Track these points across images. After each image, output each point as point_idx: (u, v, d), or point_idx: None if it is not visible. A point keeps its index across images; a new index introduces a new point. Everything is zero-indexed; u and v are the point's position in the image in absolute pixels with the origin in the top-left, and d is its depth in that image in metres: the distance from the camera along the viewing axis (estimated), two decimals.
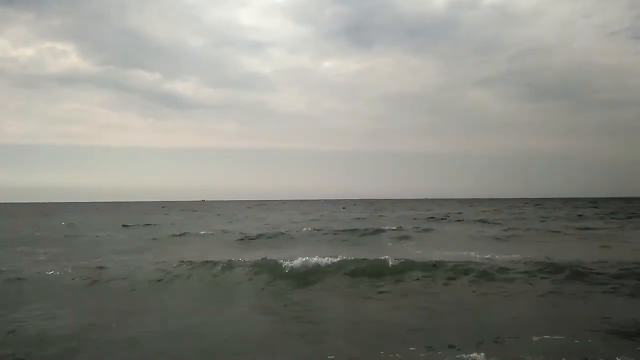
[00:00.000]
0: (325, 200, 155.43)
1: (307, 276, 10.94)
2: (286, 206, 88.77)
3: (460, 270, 10.91)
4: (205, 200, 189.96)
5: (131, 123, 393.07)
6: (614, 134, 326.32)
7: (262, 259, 12.38)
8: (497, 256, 12.89)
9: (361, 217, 40.16)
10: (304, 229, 25.31)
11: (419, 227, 25.65)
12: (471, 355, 5.55)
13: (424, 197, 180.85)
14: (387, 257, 11.91)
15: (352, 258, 11.95)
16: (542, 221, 31.46)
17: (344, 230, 24.13)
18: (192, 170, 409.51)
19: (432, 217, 37.86)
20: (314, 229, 25.15)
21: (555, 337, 6.30)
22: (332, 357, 5.86)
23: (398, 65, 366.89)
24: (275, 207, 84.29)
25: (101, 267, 12.34)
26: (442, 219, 36.02)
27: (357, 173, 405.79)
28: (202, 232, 24.80)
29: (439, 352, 5.85)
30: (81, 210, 75.20)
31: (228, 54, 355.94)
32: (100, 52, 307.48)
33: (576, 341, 6.17)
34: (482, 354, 5.55)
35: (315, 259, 11.68)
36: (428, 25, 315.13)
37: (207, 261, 12.37)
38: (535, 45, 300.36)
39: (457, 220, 33.78)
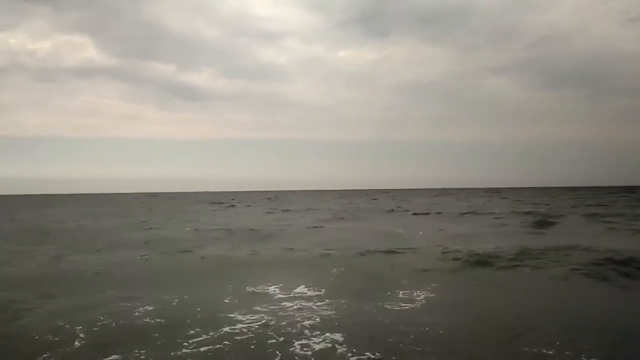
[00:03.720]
0: (344, 191, 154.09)
1: None
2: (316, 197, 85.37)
3: None
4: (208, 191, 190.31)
5: (147, 115, 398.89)
6: (635, 121, 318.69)
7: None
8: None
9: None
10: None
11: None
12: None
13: (441, 187, 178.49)
14: None
15: None
16: None
17: None
18: (207, 162, 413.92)
19: None
20: None
21: None
22: None
23: (413, 54, 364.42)
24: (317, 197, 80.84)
25: None
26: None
27: (371, 163, 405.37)
28: None
29: None
30: (144, 203, 71.78)
31: (243, 45, 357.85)
32: (117, 45, 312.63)
33: None
34: None
35: None
36: (443, 13, 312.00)
37: None
38: (554, 32, 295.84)
39: None
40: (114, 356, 6.03)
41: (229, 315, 7.90)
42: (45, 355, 6.12)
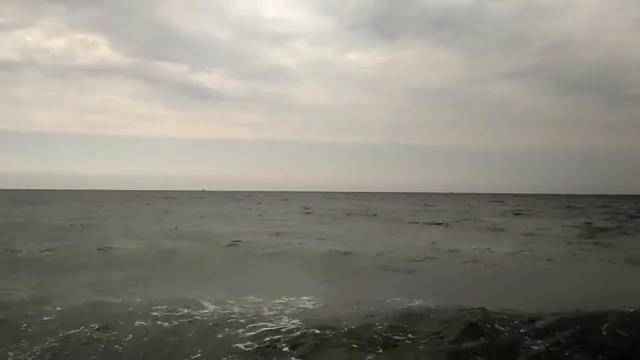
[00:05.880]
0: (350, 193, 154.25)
1: None
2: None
3: None
4: (205, 190, 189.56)
5: (158, 114, 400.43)
6: None
7: None
8: None
9: None
10: None
11: None
12: None
13: (449, 192, 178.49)
14: None
15: None
16: None
17: None
18: (215, 161, 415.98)
19: None
20: None
21: None
22: None
23: (422, 58, 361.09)
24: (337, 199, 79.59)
25: None
26: None
27: (380, 166, 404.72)
28: None
29: None
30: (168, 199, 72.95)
31: (253, 46, 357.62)
32: (130, 44, 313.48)
33: None
34: None
35: None
36: (453, 17, 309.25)
37: None
38: (565, 38, 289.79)
39: None
40: None
41: None
42: None
